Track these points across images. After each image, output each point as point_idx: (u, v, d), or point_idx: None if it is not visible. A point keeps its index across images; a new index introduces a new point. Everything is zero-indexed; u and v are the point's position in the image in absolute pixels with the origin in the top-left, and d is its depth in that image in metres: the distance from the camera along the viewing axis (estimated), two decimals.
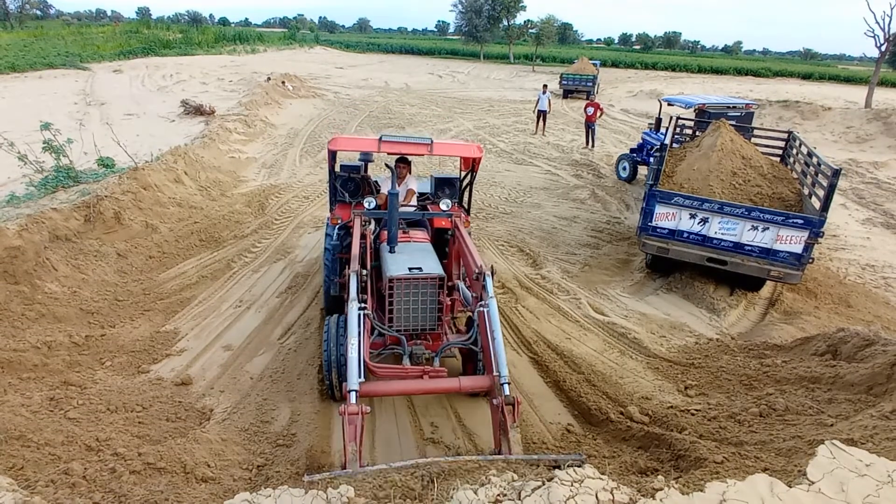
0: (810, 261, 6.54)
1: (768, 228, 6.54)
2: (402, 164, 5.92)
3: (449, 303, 4.81)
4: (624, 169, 12.64)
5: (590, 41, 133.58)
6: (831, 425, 3.65)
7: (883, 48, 23.68)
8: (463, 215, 5.94)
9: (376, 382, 4.07)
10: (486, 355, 4.01)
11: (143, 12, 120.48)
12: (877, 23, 23.06)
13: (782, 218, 6.48)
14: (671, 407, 4.56)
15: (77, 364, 5.01)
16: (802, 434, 3.59)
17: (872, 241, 9.66)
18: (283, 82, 25.37)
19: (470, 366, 4.75)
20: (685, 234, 6.95)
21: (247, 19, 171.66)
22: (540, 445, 4.38)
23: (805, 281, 7.20)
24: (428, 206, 5.99)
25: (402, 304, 4.46)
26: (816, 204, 6.61)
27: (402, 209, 5.52)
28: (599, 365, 5.50)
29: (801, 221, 6.39)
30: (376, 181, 6.17)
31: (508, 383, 3.71)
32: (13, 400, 4.16)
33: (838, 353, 4.71)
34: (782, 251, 6.54)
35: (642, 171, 12.31)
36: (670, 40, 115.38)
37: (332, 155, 5.73)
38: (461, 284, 5.12)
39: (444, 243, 5.83)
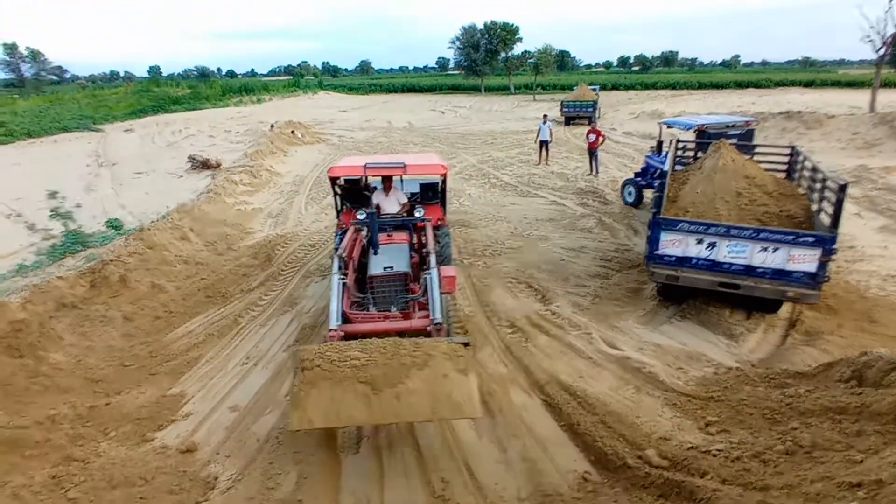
0: (826, 279, 6.32)
1: (779, 249, 6.36)
2: (386, 182, 7.61)
3: (417, 287, 5.92)
4: (629, 194, 12.55)
5: (588, 66, 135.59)
6: (861, 461, 3.42)
7: (881, 52, 23.63)
8: (438, 213, 7.90)
9: (351, 324, 5.23)
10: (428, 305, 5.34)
11: (154, 71, 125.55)
12: (872, 27, 23.12)
13: (792, 237, 6.30)
14: (692, 447, 4.34)
15: (80, 437, 4.94)
16: (831, 474, 3.36)
17: (891, 250, 9.38)
18: (293, 131, 25.91)
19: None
20: (694, 261, 6.79)
21: (253, 70, 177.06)
22: (556, 497, 4.18)
23: (825, 297, 6.94)
24: (416, 207, 7.51)
25: (380, 293, 5.89)
26: (826, 220, 6.44)
27: (388, 217, 7.19)
28: (615, 404, 5.29)
29: (812, 239, 6.22)
30: (375, 187, 7.91)
31: (440, 324, 4.96)
32: (15, 481, 4.10)
33: (863, 378, 4.48)
34: (796, 271, 6.34)
35: (648, 194, 12.21)
36: (668, 59, 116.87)
37: (333, 180, 7.81)
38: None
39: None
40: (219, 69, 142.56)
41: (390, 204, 7.51)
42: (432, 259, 5.87)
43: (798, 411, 4.36)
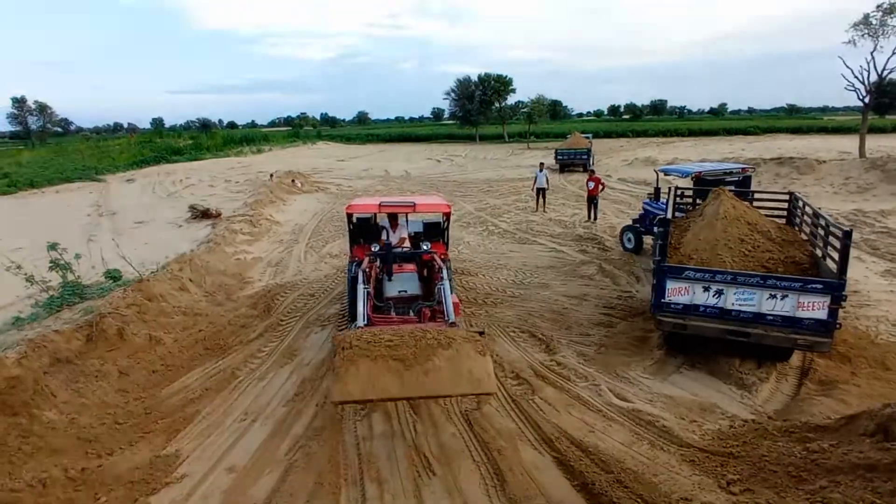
0: (838, 326, 6.23)
1: (787, 296, 6.29)
2: (393, 219, 8.75)
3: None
4: (629, 240, 12.58)
5: (580, 114, 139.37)
6: None
7: (867, 100, 24.38)
8: (441, 249, 8.69)
9: (374, 325, 5.83)
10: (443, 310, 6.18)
11: (157, 122, 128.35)
12: (856, 77, 23.93)
13: (800, 284, 6.25)
14: None
15: (71, 502, 4.68)
16: None
17: None
18: (293, 180, 26.25)
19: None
20: (701, 308, 6.70)
21: (253, 121, 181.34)
22: None
23: (836, 345, 6.81)
24: (420, 243, 8.09)
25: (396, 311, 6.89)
26: (832, 265, 6.40)
27: (398, 250, 8.05)
28: (629, 461, 5.08)
29: (820, 286, 6.16)
30: (384, 227, 8.84)
31: (454, 324, 5.67)
32: None
33: (889, 432, 4.32)
34: (807, 318, 6.25)
35: (647, 241, 12.24)
36: (657, 108, 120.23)
37: (350, 216, 8.74)
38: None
39: (430, 268, 7.95)
40: (220, 120, 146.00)
41: (396, 239, 8.60)
42: (444, 273, 6.84)
43: (825, 469, 4.17)
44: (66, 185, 29.03)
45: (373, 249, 7.71)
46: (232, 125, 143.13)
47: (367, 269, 7.27)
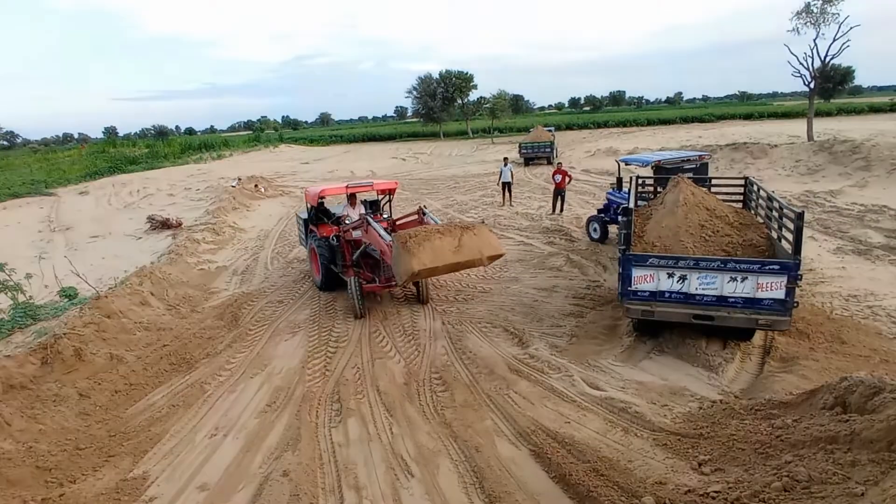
0: (795, 305, 6.45)
1: (747, 278, 6.48)
2: (352, 199, 10.82)
3: None
4: (595, 230, 12.77)
5: (542, 108, 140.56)
6: (862, 494, 3.37)
7: (811, 85, 25.34)
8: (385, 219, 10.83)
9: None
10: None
11: (110, 131, 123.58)
12: (801, 63, 24.84)
13: (758, 265, 6.44)
14: (689, 491, 4.21)
15: None
16: None
17: (848, 270, 9.73)
18: (256, 185, 25.70)
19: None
20: (667, 294, 6.85)
21: (212, 126, 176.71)
22: None
23: (795, 322, 7.08)
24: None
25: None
26: (787, 247, 6.62)
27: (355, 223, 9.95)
28: (605, 449, 5.15)
29: (777, 267, 6.36)
30: (332, 211, 11.36)
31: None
32: None
33: (847, 404, 4.49)
34: (766, 299, 6.45)
35: (613, 230, 12.44)
36: (616, 98, 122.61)
37: (322, 198, 10.78)
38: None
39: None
40: (177, 126, 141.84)
41: (355, 214, 10.63)
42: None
43: (789, 443, 4.31)
44: (14, 200, 27.70)
45: (347, 223, 10.14)
46: (190, 131, 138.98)
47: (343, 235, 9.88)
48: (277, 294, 10.74)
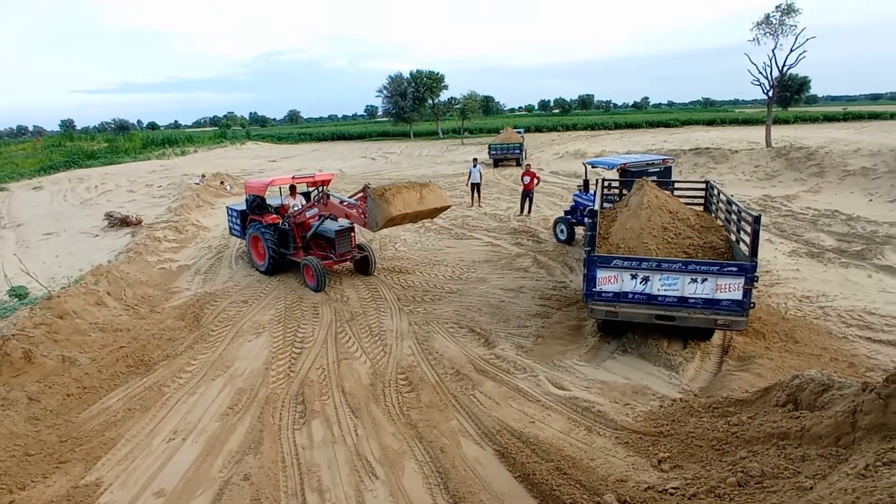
0: (752, 305, 6.67)
1: (707, 279, 6.66)
2: (292, 189, 11.99)
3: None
4: (562, 232, 12.93)
5: (512, 110, 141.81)
6: (810, 488, 3.50)
7: (770, 94, 26.27)
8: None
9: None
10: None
11: (67, 124, 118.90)
12: (760, 72, 25.73)
13: (717, 267, 6.63)
14: (649, 488, 4.30)
15: None
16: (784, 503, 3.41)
17: (802, 272, 10.12)
18: (222, 182, 25.11)
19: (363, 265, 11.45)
20: (630, 295, 6.98)
21: (176, 122, 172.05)
22: None
23: (751, 322, 7.33)
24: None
25: (340, 241, 10.94)
26: (745, 249, 6.84)
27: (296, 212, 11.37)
28: (568, 448, 5.21)
29: (735, 269, 6.56)
30: (268, 203, 12.25)
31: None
32: None
33: (798, 401, 4.66)
34: (724, 300, 6.65)
35: (580, 231, 12.63)
36: (585, 102, 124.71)
37: (265, 189, 11.66)
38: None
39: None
40: (139, 121, 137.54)
41: (297, 202, 11.79)
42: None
43: (744, 440, 4.45)
44: None
45: (294, 209, 11.46)
46: (153, 126, 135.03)
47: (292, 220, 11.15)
48: (242, 294, 10.51)
